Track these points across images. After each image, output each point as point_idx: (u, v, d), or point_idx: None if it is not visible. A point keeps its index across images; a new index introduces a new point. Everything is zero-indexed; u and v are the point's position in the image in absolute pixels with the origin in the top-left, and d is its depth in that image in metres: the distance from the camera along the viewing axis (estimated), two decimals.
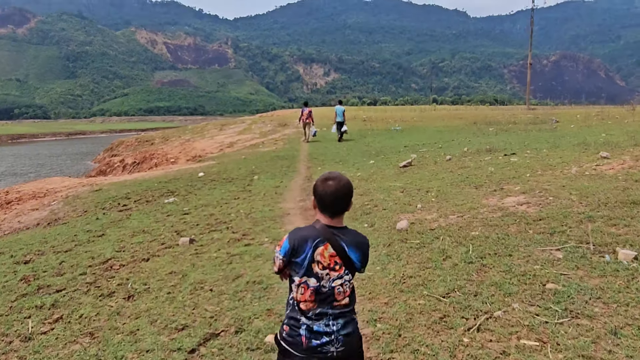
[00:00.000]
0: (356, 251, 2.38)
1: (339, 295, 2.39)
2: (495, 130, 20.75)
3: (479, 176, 9.43)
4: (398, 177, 11.02)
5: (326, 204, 2.36)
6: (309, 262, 2.35)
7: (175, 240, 7.18)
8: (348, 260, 2.37)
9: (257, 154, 19.69)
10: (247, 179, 13.76)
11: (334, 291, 2.37)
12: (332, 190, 2.33)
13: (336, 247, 2.34)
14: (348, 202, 2.40)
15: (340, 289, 2.38)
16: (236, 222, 8.03)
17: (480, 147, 15.33)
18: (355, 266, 2.41)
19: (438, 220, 6.26)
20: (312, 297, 2.37)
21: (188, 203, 10.71)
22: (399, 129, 24.55)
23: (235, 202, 10.03)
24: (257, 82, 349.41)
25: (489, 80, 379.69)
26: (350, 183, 2.40)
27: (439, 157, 14.02)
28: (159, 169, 20.58)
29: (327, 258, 2.35)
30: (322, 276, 2.36)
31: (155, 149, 27.85)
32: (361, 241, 2.43)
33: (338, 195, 2.34)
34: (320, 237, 2.35)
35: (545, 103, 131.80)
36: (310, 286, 2.36)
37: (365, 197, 8.92)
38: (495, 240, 5.06)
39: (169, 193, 12.55)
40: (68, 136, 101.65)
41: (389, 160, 14.70)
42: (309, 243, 2.35)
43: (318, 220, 2.41)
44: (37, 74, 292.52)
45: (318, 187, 2.39)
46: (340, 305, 2.40)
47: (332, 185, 2.34)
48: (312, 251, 2.35)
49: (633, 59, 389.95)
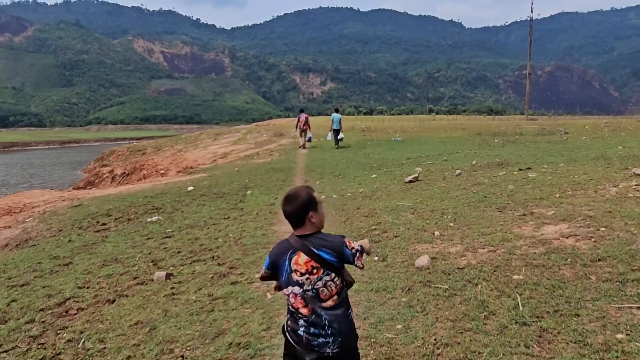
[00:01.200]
0: (327, 251, 2.53)
1: (325, 295, 2.53)
2: (501, 141, 19.75)
3: (498, 195, 8.38)
4: (405, 195, 9.97)
5: (292, 220, 2.60)
6: (288, 273, 2.57)
7: (151, 273, 6.10)
8: (323, 262, 2.52)
9: (251, 165, 18.62)
10: (239, 194, 12.70)
11: (319, 292, 2.53)
12: (286, 210, 2.59)
13: (307, 252, 2.53)
14: (302, 217, 2.56)
15: (325, 290, 2.53)
16: (223, 249, 6.95)
17: (489, 160, 14.32)
18: (334, 264, 2.53)
19: (465, 255, 5.19)
20: (303, 302, 2.55)
21: (172, 223, 9.63)
22: (399, 140, 23.54)
23: (225, 223, 8.95)
24: (253, 91, 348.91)
25: (485, 90, 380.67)
26: (303, 200, 2.56)
27: (446, 171, 12.99)
28: (147, 181, 19.48)
29: (302, 265, 2.53)
30: (303, 282, 2.54)
31: (146, 159, 26.73)
32: (329, 241, 2.56)
33: (291, 214, 2.58)
34: (292, 248, 2.57)
35: (541, 113, 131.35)
36: (297, 294, 2.56)
37: (371, 219, 7.85)
38: (549, 290, 3.99)
39: (153, 210, 11.47)
40: (62, 145, 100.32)
41: (393, 174, 13.66)
42: (284, 257, 2.59)
43: (292, 233, 2.64)
44: (33, 82, 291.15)
45: (283, 207, 2.63)
46: (329, 307, 2.53)
47: (285, 204, 2.60)
48: (289, 262, 2.57)
49: (627, 70, 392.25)
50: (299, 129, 23.90)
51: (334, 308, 2.53)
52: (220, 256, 6.61)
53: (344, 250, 2.55)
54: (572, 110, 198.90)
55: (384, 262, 5.43)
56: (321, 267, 2.51)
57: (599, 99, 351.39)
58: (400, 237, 6.44)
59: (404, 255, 5.55)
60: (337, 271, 2.55)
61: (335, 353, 2.51)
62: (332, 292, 2.53)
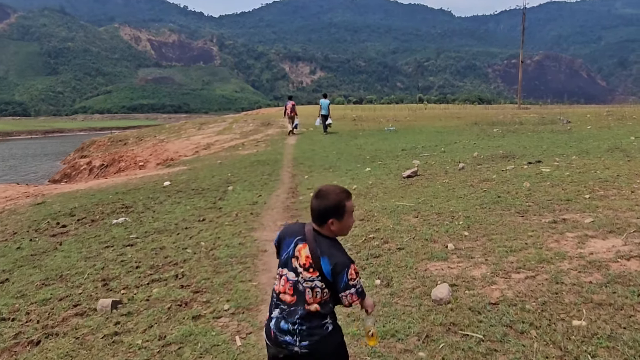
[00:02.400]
0: (329, 263, 2.37)
1: (309, 298, 2.40)
2: (500, 131, 18.64)
3: (513, 195, 7.25)
4: (405, 193, 8.81)
5: (313, 215, 2.49)
6: (289, 256, 2.48)
7: (96, 298, 4.90)
8: (319, 268, 2.39)
9: (235, 157, 17.36)
10: (219, 190, 11.50)
11: (306, 292, 2.41)
12: (316, 206, 2.45)
13: (312, 250, 2.41)
14: (323, 220, 2.44)
15: (310, 292, 2.40)
16: (191, 264, 5.75)
17: (492, 152, 13.21)
18: (325, 274, 2.39)
19: (496, 283, 4.03)
20: (291, 290, 2.44)
21: (140, 226, 8.41)
22: (393, 130, 22.36)
23: (198, 227, 7.74)
24: (242, 80, 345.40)
25: (474, 80, 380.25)
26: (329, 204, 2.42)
27: (447, 164, 11.86)
28: (124, 174, 18.17)
29: (303, 257, 2.43)
30: (300, 272, 2.42)
31: (125, 150, 25.35)
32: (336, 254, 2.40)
33: (320, 212, 2.44)
34: (303, 235, 2.48)
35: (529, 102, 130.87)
36: (289, 279, 2.45)
37: (368, 224, 6.69)
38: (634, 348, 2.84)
39: (122, 209, 10.24)
40: (45, 134, 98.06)
41: (388, 167, 12.50)
42: (292, 238, 2.51)
43: (310, 223, 2.52)
44: (17, 70, 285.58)
45: (311, 200, 2.50)
46: (310, 311, 2.40)
47: (315, 203, 2.46)
48: (294, 246, 2.48)
49: (614, 59, 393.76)
50: (287, 117, 24.22)
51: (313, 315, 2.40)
52: (185, 274, 5.41)
53: (342, 276, 2.37)
54: (560, 99, 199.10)
55: (388, 289, 4.27)
56: (316, 271, 2.40)
57: (586, 89, 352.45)
58: (405, 250, 5.28)
59: (414, 278, 4.39)
60: (328, 285, 2.41)
61: (304, 352, 2.40)
62: (317, 299, 2.41)
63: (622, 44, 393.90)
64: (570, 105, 72.10)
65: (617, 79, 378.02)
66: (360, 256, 5.28)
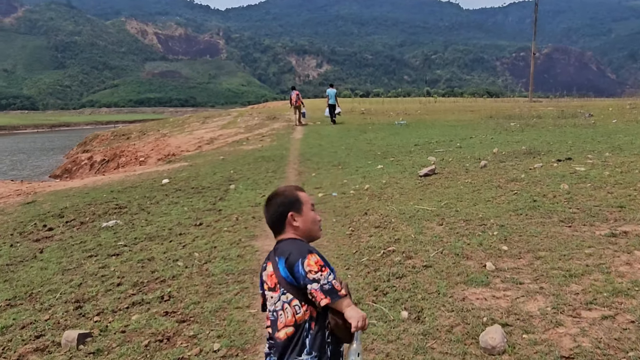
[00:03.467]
0: (282, 260, 1.99)
1: (280, 323, 1.97)
2: (518, 125, 17.68)
3: (551, 199, 6.37)
4: (423, 194, 7.94)
5: (270, 224, 2.18)
6: (262, 284, 2.16)
7: (64, 326, 4.08)
8: (279, 275, 2.00)
9: (238, 153, 16.52)
10: (220, 188, 10.68)
11: (277, 317, 2.00)
12: (266, 215, 2.18)
13: (273, 262, 2.08)
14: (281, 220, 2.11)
15: (282, 315, 1.97)
16: (180, 282, 4.92)
17: (513, 147, 12.31)
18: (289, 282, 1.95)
19: (563, 324, 3.17)
20: (268, 321, 2.07)
21: (130, 230, 7.60)
22: (403, 123, 21.43)
23: (194, 234, 6.92)
24: (249, 73, 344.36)
25: (481, 73, 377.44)
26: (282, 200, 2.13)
27: (466, 161, 10.97)
28: (122, 170, 17.39)
29: (268, 277, 2.09)
30: (269, 298, 2.08)
31: (127, 145, 24.56)
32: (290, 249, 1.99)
33: (267, 217, 2.18)
34: (268, 256, 2.19)
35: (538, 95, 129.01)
36: (268, 310, 2.08)
37: (385, 232, 5.83)
38: None
39: (115, 210, 9.45)
40: (51, 128, 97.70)
41: (402, 164, 11.62)
42: (264, 264, 2.19)
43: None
44: (24, 65, 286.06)
45: (264, 211, 2.22)
46: (280, 341, 1.95)
47: (266, 210, 2.18)
48: (263, 273, 2.17)
49: (624, 52, 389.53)
50: (293, 107, 24.38)
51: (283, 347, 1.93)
52: (172, 295, 4.58)
53: (297, 268, 1.93)
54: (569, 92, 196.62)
55: (419, 325, 3.41)
56: (278, 283, 2.00)
57: (595, 82, 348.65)
58: (433, 268, 4.42)
59: (450, 311, 3.54)
60: (296, 293, 1.95)
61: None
62: (287, 320, 1.95)
63: (633, 37, 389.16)
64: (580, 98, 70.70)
65: (627, 71, 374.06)
66: (380, 275, 4.43)
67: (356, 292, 4.13)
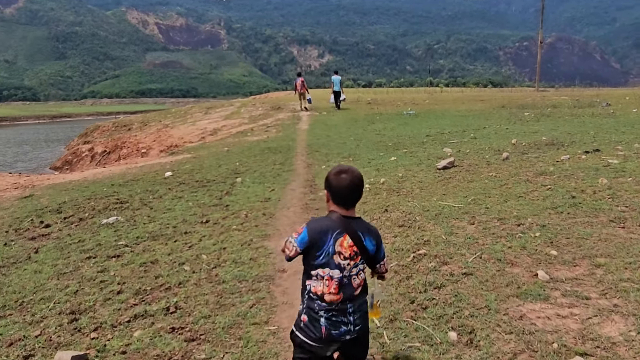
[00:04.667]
0: (371, 239, 2.42)
1: (356, 284, 2.41)
2: (533, 115, 17.09)
3: (592, 195, 5.82)
4: (446, 188, 7.40)
5: (342, 196, 2.38)
6: (330, 255, 2.35)
7: (56, 345, 3.57)
8: (364, 250, 2.40)
9: (243, 144, 15.96)
10: (226, 182, 10.15)
11: (351, 280, 2.40)
12: (347, 183, 2.35)
13: (354, 237, 2.36)
14: (361, 193, 2.43)
15: (357, 278, 2.42)
16: (187, 290, 4.39)
17: (532, 138, 11.75)
18: (370, 253, 2.43)
19: None
20: (337, 289, 2.36)
21: (132, 228, 7.09)
22: (412, 113, 20.84)
23: (200, 232, 6.40)
24: (250, 63, 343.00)
25: (484, 63, 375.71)
26: (361, 175, 2.43)
27: (485, 152, 10.42)
28: (124, 162, 16.86)
29: (347, 248, 2.36)
30: (344, 267, 2.37)
31: (128, 136, 24.00)
32: (372, 229, 2.47)
33: (353, 187, 2.37)
34: (339, 228, 2.35)
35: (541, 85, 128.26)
36: (334, 278, 2.36)
37: (412, 232, 5.29)
38: None
39: (116, 205, 8.93)
40: (52, 119, 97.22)
41: (416, 156, 11.06)
42: (329, 235, 2.35)
43: (333, 211, 2.41)
44: (25, 55, 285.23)
45: (332, 181, 2.39)
46: (356, 296, 2.42)
47: (346, 178, 2.36)
48: (333, 243, 2.35)
49: (629, 41, 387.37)
50: (298, 93, 24.93)
51: (358, 297, 2.46)
52: (179, 306, 4.06)
53: (381, 244, 2.52)
54: (572, 82, 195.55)
55: (474, 350, 2.88)
56: (359, 255, 2.41)
57: (599, 71, 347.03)
58: (475, 277, 3.89)
59: (509, 333, 3.00)
60: (368, 262, 2.49)
61: (353, 338, 2.44)
62: (361, 281, 2.46)
63: (638, 25, 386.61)
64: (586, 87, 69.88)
65: (631, 61, 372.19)
66: (415, 285, 3.90)
67: (390, 306, 3.61)
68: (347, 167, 2.43)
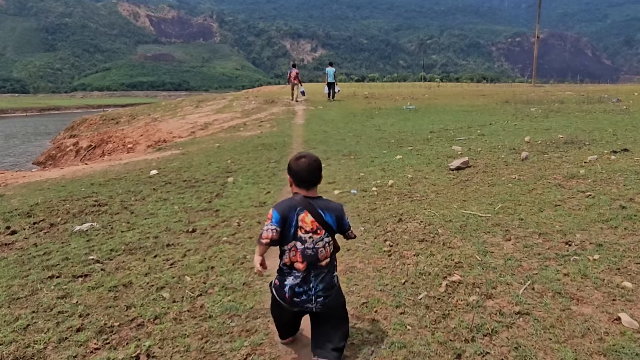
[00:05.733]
0: (331, 214, 2.76)
1: (322, 255, 2.74)
2: (541, 110, 16.26)
3: None
4: (464, 193, 6.53)
5: (301, 178, 2.75)
6: (295, 228, 2.71)
7: None
8: (325, 224, 2.73)
9: (236, 140, 15.02)
10: (217, 182, 9.24)
11: (317, 252, 2.73)
12: (305, 166, 2.73)
13: (314, 213, 2.71)
14: (319, 176, 2.81)
15: (323, 250, 2.74)
16: (164, 329, 3.48)
17: (546, 136, 10.91)
18: (332, 228, 2.78)
19: None
20: (301, 257, 2.71)
21: (108, 237, 6.17)
22: (412, 108, 19.96)
23: (185, 245, 5.49)
24: (243, 57, 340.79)
25: (477, 58, 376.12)
26: (318, 159, 2.83)
27: (498, 151, 9.56)
28: (107, 158, 15.86)
29: (308, 223, 2.71)
30: (306, 239, 2.71)
31: (115, 130, 22.93)
32: (333, 206, 2.81)
33: (310, 170, 2.74)
34: (300, 206, 2.72)
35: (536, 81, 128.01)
36: (298, 249, 2.72)
37: (437, 250, 4.41)
38: None
39: (94, 207, 8.00)
40: (41, 112, 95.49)
41: (423, 154, 10.18)
42: (293, 212, 2.71)
43: (296, 193, 2.79)
44: (14, 47, 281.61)
45: (293, 166, 2.79)
46: (321, 266, 2.75)
47: (304, 162, 2.74)
48: (296, 219, 2.71)
49: (620, 38, 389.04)
50: (291, 84, 25.59)
51: (325, 268, 2.75)
52: (153, 353, 3.15)
53: (343, 218, 2.84)
54: (564, 78, 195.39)
55: None
56: (323, 229, 2.72)
57: (591, 67, 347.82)
58: (534, 319, 3.00)
59: None
60: (332, 235, 2.81)
61: (319, 308, 2.73)
62: (327, 253, 2.77)
63: (629, 22, 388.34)
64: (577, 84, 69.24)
65: (622, 57, 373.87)
66: (456, 329, 3.02)
67: (424, 359, 2.74)
68: (306, 153, 2.79)
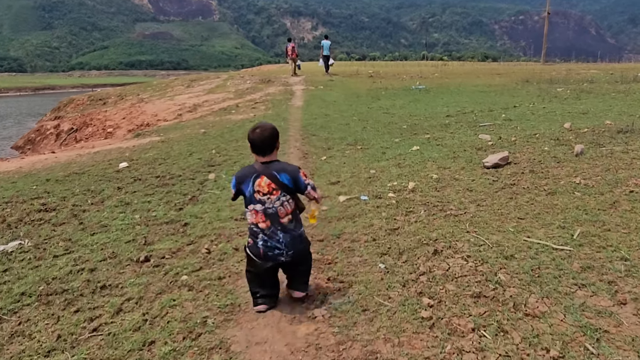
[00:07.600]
0: (286, 175, 3.13)
1: (282, 213, 3.12)
2: (569, 91, 14.45)
3: None
4: (518, 206, 4.81)
5: (256, 146, 3.15)
6: (251, 193, 3.13)
7: None
8: (282, 185, 3.11)
9: (225, 124, 13.23)
10: (195, 179, 7.57)
11: (277, 211, 3.12)
12: (259, 135, 3.12)
13: (270, 176, 3.11)
14: (273, 144, 3.19)
15: (282, 208, 3.12)
16: None
17: (589, 122, 9.14)
18: (289, 187, 3.13)
19: None
20: (263, 217, 3.12)
21: (29, 268, 4.52)
22: (422, 88, 18.11)
23: (125, 290, 3.80)
24: (242, 35, 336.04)
25: (480, 37, 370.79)
26: (273, 128, 3.24)
27: (539, 141, 7.78)
28: (80, 145, 14.11)
29: (264, 187, 3.10)
30: (265, 201, 3.11)
31: (98, 112, 21.10)
32: (289, 168, 3.18)
33: (263, 138, 3.13)
34: (257, 172, 3.14)
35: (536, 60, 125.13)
36: (258, 211, 3.13)
37: (511, 323, 2.72)
38: None
39: (38, 213, 6.44)
40: (35, 91, 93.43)
41: (444, 144, 8.42)
42: (248, 180, 3.15)
43: (257, 161, 3.19)
44: (11, 25, 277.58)
45: (249, 135, 3.16)
46: (284, 222, 3.14)
47: (258, 132, 3.14)
48: (252, 184, 3.13)
49: (624, 16, 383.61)
50: (289, 58, 25.84)
51: (288, 224, 3.15)
52: None
53: (298, 177, 3.16)
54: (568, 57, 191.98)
55: None
56: (279, 189, 3.10)
57: (595, 46, 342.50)
58: None
59: None
60: (291, 193, 3.17)
61: (288, 258, 3.15)
62: (288, 210, 3.14)
63: (633, 0, 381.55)
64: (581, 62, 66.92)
65: (626, 36, 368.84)
66: None
67: None
68: (262, 123, 3.23)
